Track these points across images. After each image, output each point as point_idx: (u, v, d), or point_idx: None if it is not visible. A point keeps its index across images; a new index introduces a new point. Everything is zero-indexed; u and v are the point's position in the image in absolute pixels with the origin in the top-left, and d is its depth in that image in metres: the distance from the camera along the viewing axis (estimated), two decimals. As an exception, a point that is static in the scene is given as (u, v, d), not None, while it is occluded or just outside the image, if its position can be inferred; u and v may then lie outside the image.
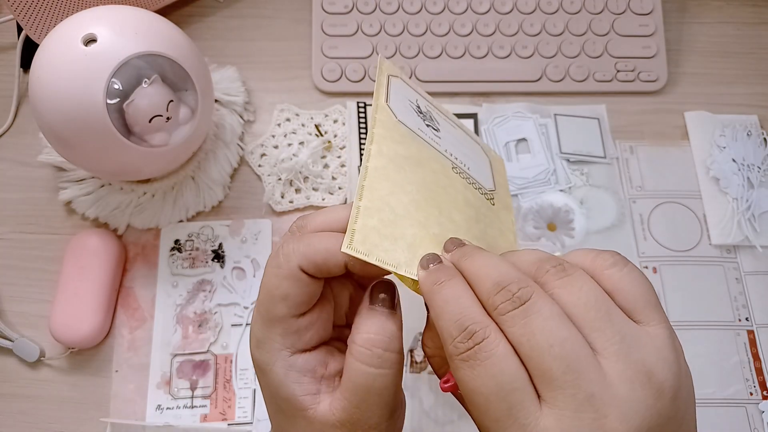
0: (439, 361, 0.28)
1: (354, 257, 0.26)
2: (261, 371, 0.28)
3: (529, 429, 0.22)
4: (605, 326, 0.23)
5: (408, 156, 0.31)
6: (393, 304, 0.27)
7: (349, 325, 0.30)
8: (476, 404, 0.23)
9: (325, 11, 0.57)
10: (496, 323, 0.23)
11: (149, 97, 0.42)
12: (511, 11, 0.57)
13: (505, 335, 0.23)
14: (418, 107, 0.37)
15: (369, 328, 0.26)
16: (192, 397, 0.47)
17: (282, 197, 0.52)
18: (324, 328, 0.29)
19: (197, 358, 0.48)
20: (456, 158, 0.35)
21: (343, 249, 0.26)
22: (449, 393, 0.26)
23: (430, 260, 0.26)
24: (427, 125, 0.36)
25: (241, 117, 0.55)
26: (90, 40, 0.40)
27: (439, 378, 0.28)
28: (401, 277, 0.27)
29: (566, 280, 0.24)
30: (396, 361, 0.26)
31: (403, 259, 0.27)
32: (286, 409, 0.28)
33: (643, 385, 0.22)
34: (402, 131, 0.32)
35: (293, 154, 0.53)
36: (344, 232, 0.27)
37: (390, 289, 0.28)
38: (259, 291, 0.28)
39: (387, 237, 0.27)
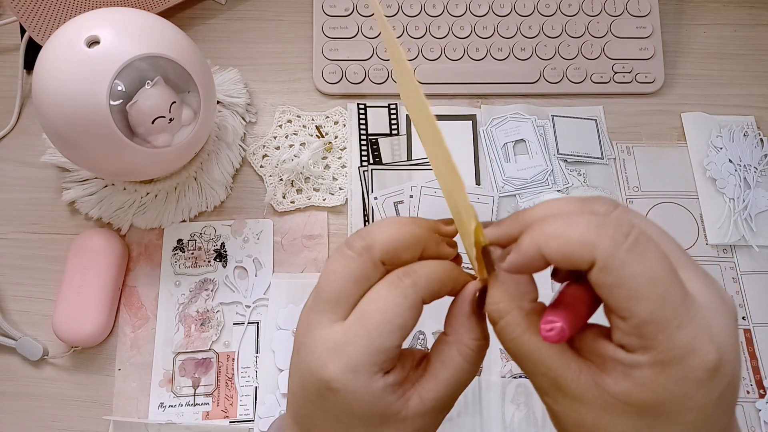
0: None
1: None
2: (347, 392, 0.27)
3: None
4: None
5: None
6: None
7: None
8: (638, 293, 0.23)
9: (326, 14, 0.58)
10: None
11: (152, 98, 0.42)
12: (509, 14, 0.58)
13: None
14: None
15: (478, 332, 0.29)
16: (194, 395, 0.47)
17: (283, 197, 0.53)
18: None
19: (199, 356, 0.48)
20: None
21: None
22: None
23: None
24: None
25: (243, 118, 0.55)
26: (93, 42, 0.41)
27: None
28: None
29: None
30: None
31: None
32: (375, 422, 0.28)
33: None
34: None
35: (294, 155, 0.53)
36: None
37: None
38: (368, 316, 0.27)
39: None
